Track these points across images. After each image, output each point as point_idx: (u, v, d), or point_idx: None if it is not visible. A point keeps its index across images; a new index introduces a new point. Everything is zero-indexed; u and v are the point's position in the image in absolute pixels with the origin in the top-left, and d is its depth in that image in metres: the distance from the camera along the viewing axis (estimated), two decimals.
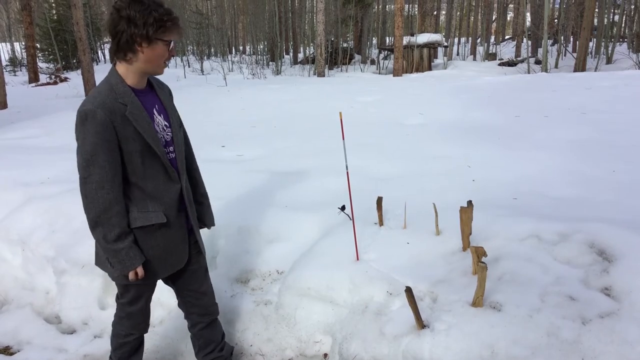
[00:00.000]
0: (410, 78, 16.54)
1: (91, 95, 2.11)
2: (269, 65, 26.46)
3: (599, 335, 2.25)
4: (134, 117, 2.14)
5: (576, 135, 5.89)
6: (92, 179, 2.07)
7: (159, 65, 2.18)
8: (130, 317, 2.49)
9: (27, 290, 3.75)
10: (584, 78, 11.43)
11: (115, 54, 2.12)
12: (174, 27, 2.13)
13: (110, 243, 2.14)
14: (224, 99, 10.95)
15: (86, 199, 2.09)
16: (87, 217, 2.12)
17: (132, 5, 2.02)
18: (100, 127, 2.04)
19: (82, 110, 2.05)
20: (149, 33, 2.05)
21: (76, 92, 15.07)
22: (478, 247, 2.47)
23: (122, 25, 2.03)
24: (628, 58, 19.34)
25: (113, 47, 2.10)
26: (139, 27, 2.03)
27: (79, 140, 2.07)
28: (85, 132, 2.05)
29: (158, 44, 2.10)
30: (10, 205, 4.24)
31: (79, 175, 2.09)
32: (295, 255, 3.34)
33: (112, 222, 2.12)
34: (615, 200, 3.73)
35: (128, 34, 2.04)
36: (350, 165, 3.27)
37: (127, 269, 2.20)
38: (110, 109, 2.07)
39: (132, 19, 2.02)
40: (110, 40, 2.12)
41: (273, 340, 2.94)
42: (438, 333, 2.39)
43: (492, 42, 32.84)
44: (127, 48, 2.08)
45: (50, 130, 7.80)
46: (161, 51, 2.13)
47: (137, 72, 2.17)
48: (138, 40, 2.06)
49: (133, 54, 2.10)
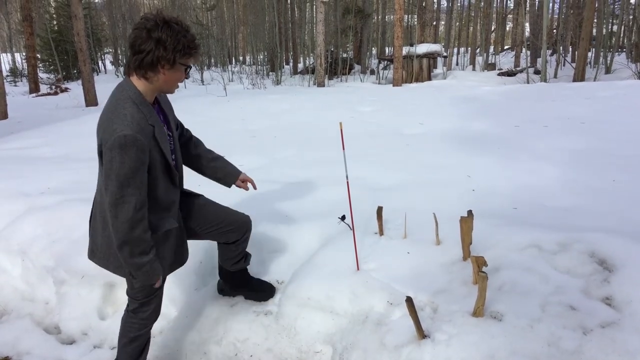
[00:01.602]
0: (410, 88, 16.58)
1: (122, 118, 2.11)
2: (269, 75, 26.53)
3: (600, 345, 2.24)
4: (160, 138, 2.25)
5: (576, 145, 5.90)
6: (126, 200, 2.11)
7: (174, 87, 2.28)
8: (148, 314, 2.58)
9: (27, 300, 3.74)
10: (583, 88, 11.46)
11: (136, 70, 2.16)
12: (197, 54, 2.23)
13: (135, 257, 2.21)
14: (224, 109, 10.98)
15: (116, 219, 2.13)
16: (116, 236, 2.16)
17: (164, 28, 2.08)
18: (140, 152, 2.10)
19: (122, 135, 2.06)
20: (175, 58, 2.13)
21: (77, 103, 15.11)
22: (478, 256, 2.47)
23: (150, 46, 2.08)
24: (627, 68, 19.38)
25: (135, 63, 2.14)
26: (167, 52, 2.10)
27: (115, 163, 2.07)
28: (124, 156, 2.06)
29: (180, 68, 2.19)
30: (10, 216, 4.24)
31: (109, 195, 2.11)
32: (296, 265, 3.33)
33: (140, 239, 2.19)
34: (615, 210, 3.73)
35: (154, 55, 2.10)
36: (350, 175, 3.28)
37: (150, 280, 2.32)
38: (146, 133, 2.14)
39: (161, 42, 2.08)
40: (130, 54, 2.16)
41: (273, 350, 2.93)
42: (439, 343, 2.38)
43: (491, 52, 32.95)
44: (149, 67, 2.14)
45: (50, 141, 7.82)
46: (180, 75, 2.23)
47: (154, 90, 2.25)
48: (162, 62, 2.12)
49: (154, 74, 2.16)
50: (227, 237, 2.83)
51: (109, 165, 2.09)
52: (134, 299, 2.55)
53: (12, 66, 30.38)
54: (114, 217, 2.13)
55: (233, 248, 2.91)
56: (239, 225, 2.83)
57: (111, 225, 2.16)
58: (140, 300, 2.54)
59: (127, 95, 2.18)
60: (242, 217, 2.87)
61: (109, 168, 2.09)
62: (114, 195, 2.10)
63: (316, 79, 19.76)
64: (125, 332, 2.62)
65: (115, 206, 2.11)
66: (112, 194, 2.10)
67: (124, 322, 2.63)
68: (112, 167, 2.08)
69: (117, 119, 2.11)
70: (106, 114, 2.18)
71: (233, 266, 3.03)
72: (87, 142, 7.55)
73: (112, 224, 2.15)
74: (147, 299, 2.53)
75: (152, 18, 2.10)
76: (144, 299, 2.53)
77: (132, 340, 2.63)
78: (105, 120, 2.16)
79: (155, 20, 2.09)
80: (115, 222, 2.13)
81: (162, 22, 2.09)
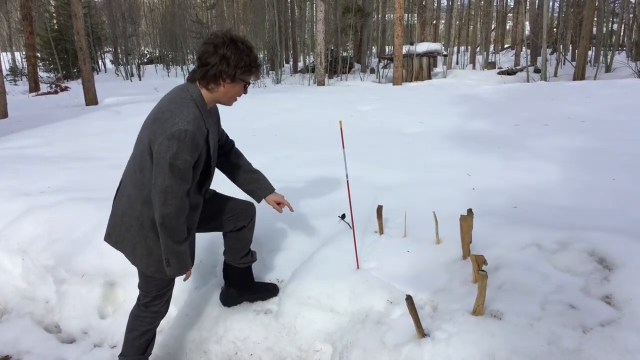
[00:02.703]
0: (410, 87, 16.58)
1: (186, 114, 2.27)
2: (269, 74, 26.54)
3: (600, 343, 2.24)
4: (212, 143, 2.47)
5: (576, 143, 5.90)
6: (175, 189, 2.27)
7: (232, 100, 2.47)
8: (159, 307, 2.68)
9: (27, 299, 3.74)
10: (583, 86, 11.46)
11: (200, 80, 2.35)
12: (257, 71, 2.42)
13: (176, 244, 2.37)
14: (224, 108, 10.94)
15: (164, 206, 2.27)
16: (161, 222, 2.30)
17: (229, 46, 2.28)
18: (194, 148, 2.27)
19: (183, 129, 2.22)
20: (236, 74, 2.32)
21: (77, 102, 15.10)
22: (478, 255, 2.47)
23: (215, 60, 2.28)
24: (627, 66, 19.38)
25: (200, 73, 2.33)
26: (230, 67, 2.29)
27: (170, 152, 2.21)
28: (180, 147, 2.22)
29: (239, 83, 2.38)
30: (10, 215, 4.24)
31: (160, 182, 2.25)
32: (296, 264, 3.34)
33: (182, 228, 2.37)
34: (615, 208, 3.73)
35: (217, 69, 2.29)
36: (350, 174, 3.28)
37: (182, 270, 2.46)
38: (202, 133, 2.34)
39: (225, 58, 2.27)
40: (197, 65, 2.36)
41: (273, 349, 2.93)
42: (439, 342, 2.38)
43: (491, 51, 32.94)
44: (212, 80, 2.33)
45: (50, 140, 7.81)
46: (239, 89, 2.42)
47: (213, 100, 2.44)
48: (224, 76, 2.31)
49: (215, 86, 2.35)
50: (234, 224, 2.89)
51: (163, 154, 2.21)
52: (147, 293, 2.63)
53: (12, 65, 30.38)
54: (162, 204, 2.26)
55: (241, 236, 2.97)
56: (244, 210, 2.91)
57: (158, 211, 2.28)
58: (154, 294, 2.62)
59: (191, 96, 2.35)
60: (247, 203, 2.96)
61: (163, 157, 2.22)
62: (164, 183, 2.24)
63: (316, 77, 19.76)
64: (136, 326, 2.68)
65: (165, 193, 2.25)
66: (163, 182, 2.24)
67: (134, 316, 2.69)
68: (166, 157, 2.21)
69: (180, 114, 2.26)
70: (167, 107, 2.31)
71: (241, 260, 3.05)
72: (88, 141, 7.55)
73: (159, 210, 2.27)
74: (160, 292, 2.63)
75: (221, 36, 2.31)
76: (157, 292, 2.62)
77: (142, 334, 2.70)
78: (165, 112, 2.29)
79: (223, 38, 2.29)
80: (162, 209, 2.27)
81: (229, 40, 2.29)
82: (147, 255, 2.47)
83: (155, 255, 2.46)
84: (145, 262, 2.49)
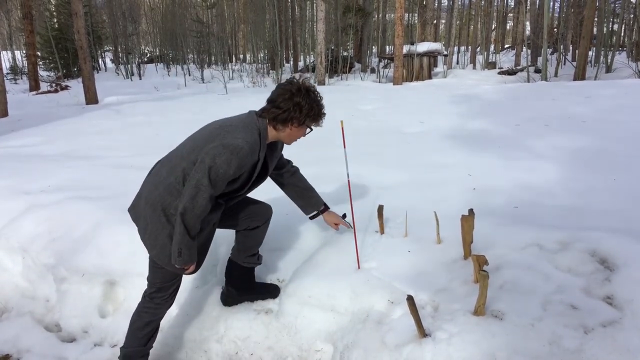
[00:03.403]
0: (410, 86, 16.56)
1: (246, 134, 2.46)
2: (269, 73, 26.52)
3: (601, 344, 2.24)
4: (256, 170, 2.62)
5: (576, 143, 5.89)
6: (207, 190, 2.39)
7: (293, 141, 2.69)
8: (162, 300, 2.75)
9: (28, 298, 3.74)
10: (583, 87, 11.45)
11: (270, 121, 2.55)
12: (322, 120, 2.65)
13: (191, 237, 2.45)
14: (225, 107, 10.97)
15: (191, 200, 2.38)
16: (182, 213, 2.39)
17: (305, 96, 2.50)
18: (239, 167, 2.43)
19: (239, 144, 2.39)
20: (305, 121, 2.55)
21: (77, 100, 15.09)
22: (479, 255, 2.47)
23: (289, 105, 2.48)
24: (627, 67, 19.35)
25: (271, 114, 2.52)
26: (302, 115, 2.51)
27: (219, 159, 2.36)
28: (228, 158, 2.38)
29: (304, 128, 2.61)
30: (10, 214, 4.23)
31: (196, 178, 2.38)
32: (296, 264, 3.33)
33: (198, 225, 2.47)
34: (616, 208, 3.73)
35: (289, 115, 2.50)
36: (351, 174, 3.27)
37: (190, 261, 2.53)
38: (253, 158, 2.50)
39: (299, 106, 2.49)
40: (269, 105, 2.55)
41: (274, 348, 2.93)
42: (439, 342, 2.38)
43: (491, 50, 32.91)
44: (281, 122, 2.53)
45: (50, 138, 7.82)
46: (302, 133, 2.64)
47: (276, 138, 2.64)
48: (294, 121, 2.53)
49: (283, 127, 2.56)
50: (248, 224, 2.98)
51: (211, 156, 2.37)
52: (153, 284, 2.70)
53: (13, 64, 30.34)
54: (191, 198, 2.38)
55: (253, 235, 3.03)
56: (261, 211, 3.02)
57: (183, 202, 2.39)
58: (158, 285, 2.69)
59: (257, 127, 2.53)
60: (264, 205, 3.06)
61: (210, 158, 2.37)
62: (200, 181, 2.37)
63: (316, 77, 19.74)
64: (140, 316, 2.75)
65: (197, 189, 2.37)
66: (200, 179, 2.37)
67: (140, 306, 2.77)
68: (213, 159, 2.36)
69: (244, 134, 2.45)
70: (237, 124, 2.51)
71: (246, 259, 3.09)
72: (88, 140, 7.55)
73: (186, 202, 2.38)
74: (164, 285, 2.69)
75: (296, 84, 2.52)
76: (161, 285, 2.69)
77: (145, 325, 2.76)
78: (234, 126, 2.49)
79: (299, 86, 2.51)
80: (189, 202, 2.38)
81: (305, 90, 2.51)
82: (154, 238, 2.54)
83: (160, 240, 2.53)
84: (151, 243, 2.56)
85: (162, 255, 2.54)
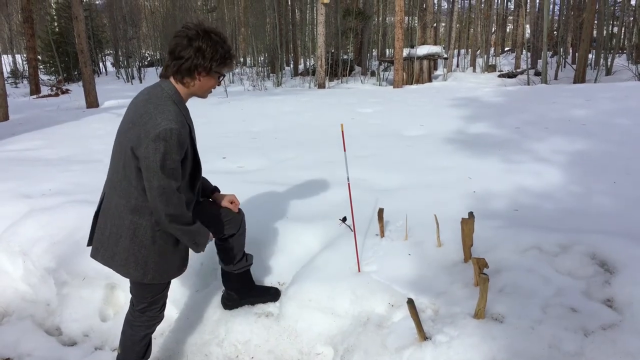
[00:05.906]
0: (410, 90, 16.58)
1: (167, 113, 2.21)
2: (269, 77, 26.57)
3: (601, 347, 2.24)
4: (194, 138, 2.42)
5: (576, 146, 5.90)
6: (171, 187, 2.21)
7: (207, 93, 2.43)
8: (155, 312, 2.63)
9: (28, 302, 3.74)
10: (583, 90, 11.47)
11: (174, 75, 2.30)
12: (231, 63, 2.37)
13: (191, 226, 2.37)
14: (225, 111, 10.98)
15: (167, 207, 2.23)
16: (170, 220, 2.27)
17: (204, 38, 2.21)
18: (181, 146, 2.21)
19: (168, 128, 2.15)
20: (211, 66, 2.26)
21: (77, 104, 15.10)
22: (480, 258, 2.47)
23: (189, 53, 2.22)
24: (627, 69, 19.38)
25: (173, 67, 2.27)
26: (205, 60, 2.23)
27: (159, 154, 2.15)
28: (168, 148, 2.16)
29: (214, 75, 2.33)
30: (11, 217, 4.23)
31: (156, 187, 2.19)
32: (297, 267, 3.34)
33: (185, 216, 2.32)
34: (616, 211, 3.74)
35: (192, 63, 2.23)
36: (351, 177, 3.28)
37: (207, 238, 2.49)
38: (185, 129, 2.26)
39: (200, 51, 2.21)
40: (169, 59, 2.29)
41: (274, 351, 2.93)
42: (440, 345, 2.38)
43: (491, 54, 32.97)
44: (187, 74, 2.27)
45: (51, 142, 7.82)
46: (214, 82, 2.37)
47: (189, 95, 2.38)
48: (199, 70, 2.26)
49: (190, 79, 2.30)
50: (223, 232, 2.85)
51: (152, 157, 2.15)
52: (142, 300, 2.58)
53: (13, 68, 30.44)
54: (165, 205, 2.22)
55: (232, 243, 2.93)
56: (233, 218, 2.86)
57: (162, 213, 2.24)
58: (149, 300, 2.58)
59: (167, 94, 2.29)
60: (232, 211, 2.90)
61: (153, 160, 2.15)
62: (160, 185, 2.19)
63: (317, 80, 19.77)
64: (135, 332, 2.65)
65: (164, 194, 2.21)
66: (159, 184, 2.18)
67: (130, 323, 2.65)
68: (156, 159, 2.15)
69: (160, 114, 2.20)
70: (144, 109, 2.24)
71: (236, 265, 3.03)
72: (88, 144, 7.56)
73: (164, 212, 2.23)
74: (155, 298, 2.58)
75: (193, 27, 2.23)
76: (152, 298, 2.58)
77: (141, 339, 2.68)
78: (143, 114, 2.22)
79: (196, 30, 2.22)
80: (167, 209, 2.23)
81: (203, 32, 2.22)
82: (142, 265, 2.39)
83: (152, 262, 2.40)
84: (142, 271, 2.40)
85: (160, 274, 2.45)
